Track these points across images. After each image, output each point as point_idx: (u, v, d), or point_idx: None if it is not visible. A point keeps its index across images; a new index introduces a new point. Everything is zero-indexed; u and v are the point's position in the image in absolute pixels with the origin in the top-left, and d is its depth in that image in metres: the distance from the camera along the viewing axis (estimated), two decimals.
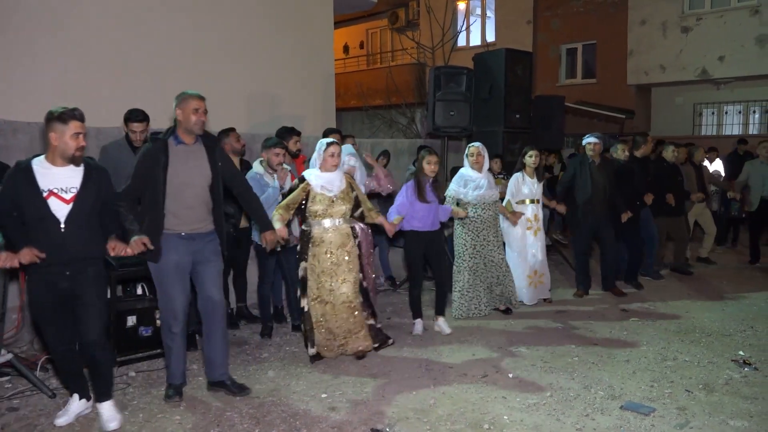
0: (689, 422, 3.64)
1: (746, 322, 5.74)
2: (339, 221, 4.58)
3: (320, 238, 4.54)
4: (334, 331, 4.60)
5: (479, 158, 5.78)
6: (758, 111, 14.59)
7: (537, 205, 6.43)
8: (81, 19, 5.76)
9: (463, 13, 16.51)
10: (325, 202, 4.52)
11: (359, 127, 16.44)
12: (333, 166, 4.56)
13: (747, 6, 13.28)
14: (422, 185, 5.20)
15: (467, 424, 3.62)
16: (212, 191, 3.92)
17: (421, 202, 5.16)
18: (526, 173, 6.38)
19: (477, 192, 5.73)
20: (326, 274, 4.54)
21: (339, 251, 4.55)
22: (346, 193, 4.61)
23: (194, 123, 3.79)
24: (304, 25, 7.88)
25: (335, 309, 4.56)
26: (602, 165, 6.65)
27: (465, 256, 5.80)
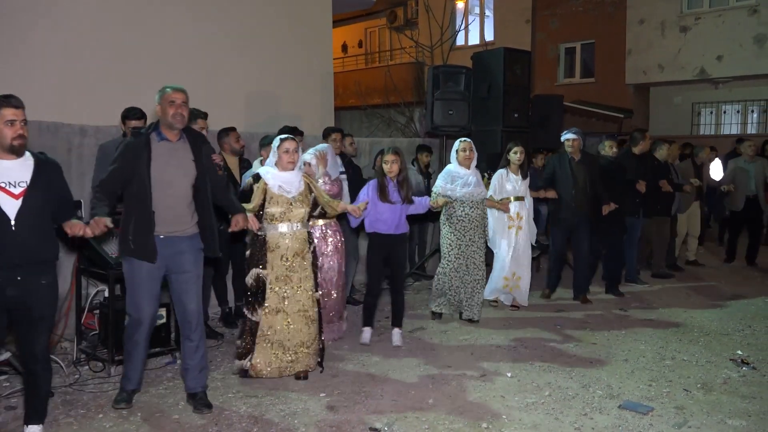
0: (687, 421, 3.64)
1: (744, 322, 5.75)
2: (297, 226, 4.27)
3: (276, 243, 4.22)
4: (284, 345, 4.24)
5: (471, 154, 5.65)
6: (756, 110, 14.61)
7: (521, 203, 6.26)
8: (78, 16, 5.75)
9: (461, 12, 16.50)
10: (283, 205, 4.21)
11: (358, 126, 16.43)
12: (289, 163, 4.23)
13: (745, 5, 13.29)
14: (384, 185, 4.94)
15: (466, 423, 3.62)
16: (197, 191, 3.73)
17: (384, 203, 4.92)
18: (510, 170, 6.23)
19: (466, 189, 5.57)
20: (280, 281, 4.23)
21: (295, 258, 4.26)
22: (304, 195, 4.32)
23: (172, 116, 3.59)
24: (302, 24, 7.87)
25: (288, 318, 4.23)
26: (583, 161, 6.45)
27: (450, 256, 5.64)
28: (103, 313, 4.52)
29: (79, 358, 4.50)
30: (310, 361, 4.34)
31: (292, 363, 4.27)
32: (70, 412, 3.72)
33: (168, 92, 3.63)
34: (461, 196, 5.56)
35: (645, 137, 7.23)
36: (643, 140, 7.18)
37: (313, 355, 4.35)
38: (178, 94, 3.63)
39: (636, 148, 7.18)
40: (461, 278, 5.66)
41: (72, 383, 4.15)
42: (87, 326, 4.62)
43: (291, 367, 4.28)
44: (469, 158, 5.63)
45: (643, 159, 7.19)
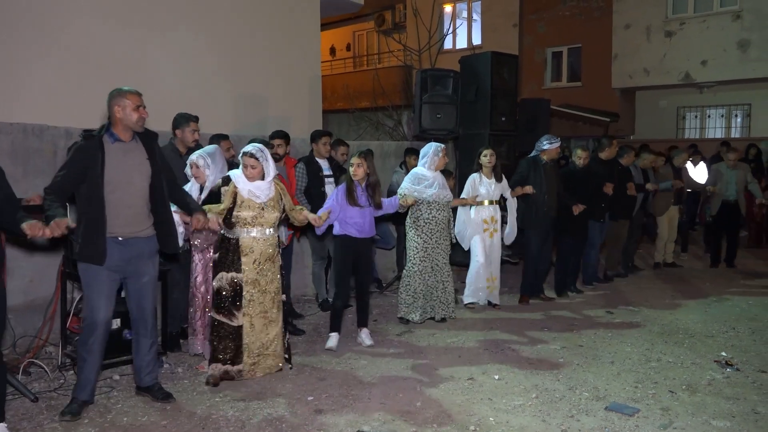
0: (673, 422, 3.67)
1: (728, 324, 5.81)
2: (269, 230, 4.31)
3: (249, 247, 4.25)
4: (249, 347, 4.28)
5: (446, 158, 5.77)
6: (740, 114, 14.80)
7: (495, 207, 6.29)
8: (68, 20, 5.72)
9: (449, 16, 16.58)
10: (254, 209, 4.23)
11: (346, 129, 16.42)
12: (249, 178, 4.24)
13: (729, 11, 13.46)
14: (352, 189, 4.94)
15: (453, 425, 3.63)
16: (153, 191, 3.76)
17: (352, 206, 4.93)
18: (482, 174, 6.26)
19: (433, 191, 5.61)
20: (250, 285, 4.26)
21: (267, 262, 4.31)
22: (275, 201, 4.33)
23: (137, 120, 3.65)
24: (290, 27, 7.88)
25: (252, 320, 4.28)
26: (553, 167, 6.54)
27: (416, 259, 5.68)
28: None
29: (64, 363, 4.45)
30: (272, 363, 4.38)
31: (253, 366, 4.30)
32: (54, 417, 3.69)
33: (130, 94, 3.66)
34: (430, 198, 5.60)
35: (612, 143, 7.27)
36: (609, 146, 7.23)
37: (273, 357, 4.38)
38: (140, 98, 3.70)
39: (603, 154, 7.22)
40: (425, 281, 5.72)
41: (57, 388, 4.11)
42: (72, 330, 4.57)
43: (252, 370, 4.30)
44: (444, 160, 5.74)
45: (609, 164, 7.25)
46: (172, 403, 3.92)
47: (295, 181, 5.91)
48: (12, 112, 5.03)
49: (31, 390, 4.03)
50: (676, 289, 7.36)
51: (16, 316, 4.72)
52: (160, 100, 5.89)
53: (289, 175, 5.81)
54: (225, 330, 4.22)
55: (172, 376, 4.41)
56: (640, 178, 7.81)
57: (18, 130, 4.90)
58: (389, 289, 7.07)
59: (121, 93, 3.67)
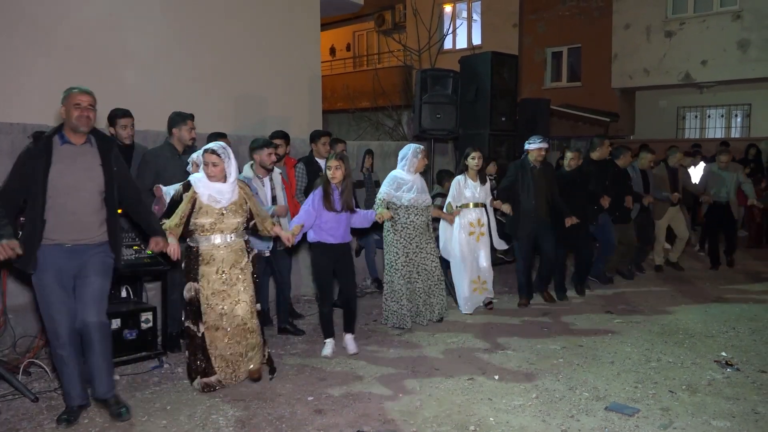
0: (673, 423, 3.67)
1: (728, 324, 5.81)
2: (231, 236, 4.09)
3: (210, 255, 4.04)
4: (227, 358, 4.13)
5: (426, 159, 5.64)
6: (740, 114, 14.79)
7: (480, 209, 6.16)
8: (66, 20, 5.72)
9: (449, 16, 16.58)
10: (213, 215, 4.00)
11: (346, 129, 16.43)
12: (210, 176, 4.01)
13: (729, 11, 13.46)
14: (330, 193, 4.71)
15: (453, 425, 3.63)
16: (106, 198, 3.56)
17: (329, 211, 4.71)
18: (468, 176, 6.13)
19: (410, 195, 5.47)
20: (217, 296, 4.05)
21: (232, 270, 4.08)
22: (238, 205, 4.11)
23: (76, 119, 3.44)
24: (290, 28, 7.88)
25: (228, 334, 4.09)
26: (543, 170, 6.35)
27: (397, 264, 5.51)
28: None
29: None
30: (249, 366, 4.22)
31: (234, 373, 4.17)
32: (54, 417, 3.69)
33: (74, 93, 3.49)
34: (407, 202, 5.47)
35: (603, 143, 7.09)
36: (600, 146, 7.04)
37: (252, 361, 4.22)
38: (85, 97, 3.50)
39: (594, 154, 7.06)
40: (411, 286, 5.57)
41: (57, 388, 4.10)
42: None
43: (234, 375, 4.18)
44: (423, 162, 5.60)
45: (602, 165, 7.07)
46: (171, 404, 3.91)
47: (295, 181, 5.91)
48: (12, 113, 5.03)
49: (31, 390, 4.03)
50: (676, 289, 7.35)
51: (16, 316, 4.73)
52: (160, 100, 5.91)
53: (289, 175, 5.81)
54: (197, 340, 4.09)
55: (172, 376, 4.41)
56: (639, 180, 7.70)
57: (18, 130, 4.90)
58: None
59: (68, 92, 3.50)
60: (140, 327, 4.55)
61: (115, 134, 4.89)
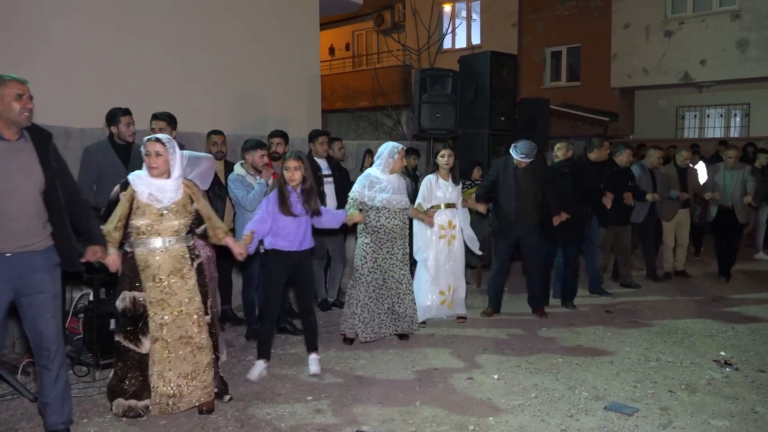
0: (672, 422, 3.67)
1: (727, 323, 5.81)
2: (170, 240, 3.63)
3: (145, 261, 3.59)
4: (164, 376, 3.63)
5: (405, 160, 5.30)
6: (739, 114, 14.80)
7: (453, 211, 5.78)
8: (67, 21, 5.71)
9: (448, 16, 16.56)
10: (151, 216, 3.58)
11: (345, 129, 16.42)
12: (151, 168, 3.60)
13: (728, 11, 13.46)
14: (286, 196, 4.28)
15: (452, 425, 3.63)
16: (47, 198, 3.20)
17: (286, 216, 4.28)
18: (439, 175, 5.75)
19: (383, 196, 5.05)
20: (155, 306, 3.61)
21: (170, 278, 3.63)
22: (181, 206, 3.67)
23: (19, 112, 3.07)
24: (290, 27, 7.88)
25: (168, 347, 3.62)
26: (532, 169, 5.88)
27: (363, 270, 5.07)
28: (88, 317, 4.48)
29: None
30: (199, 395, 3.70)
31: (173, 398, 3.63)
32: None
33: (11, 81, 3.08)
34: (379, 204, 5.06)
35: (603, 145, 6.65)
36: (599, 147, 6.60)
37: (201, 389, 3.70)
38: (25, 86, 3.13)
39: (591, 155, 6.62)
40: (376, 294, 5.10)
41: None
42: (71, 330, 4.57)
43: (173, 403, 3.64)
44: (401, 163, 5.25)
45: (599, 166, 6.65)
46: None
47: None
48: None
49: (30, 390, 4.02)
50: (675, 289, 7.35)
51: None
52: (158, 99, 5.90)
53: None
54: (131, 357, 3.64)
55: None
56: (649, 180, 7.36)
57: None
58: None
59: (1, 81, 3.08)
60: None
61: (117, 132, 4.89)
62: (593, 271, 6.89)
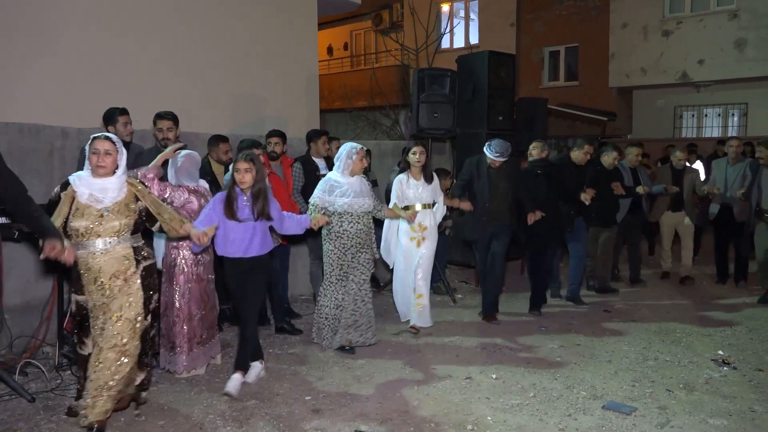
0: (670, 421, 3.68)
1: (725, 322, 5.82)
2: (111, 241, 3.44)
3: (85, 264, 3.42)
4: (94, 382, 3.41)
5: (366, 161, 4.99)
6: (737, 114, 14.82)
7: (425, 211, 5.54)
8: (65, 21, 5.70)
9: (446, 16, 16.57)
10: (90, 217, 3.39)
11: (343, 128, 16.41)
12: (98, 167, 3.43)
13: (726, 10, 13.48)
14: (233, 199, 4.02)
15: (451, 425, 3.63)
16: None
17: (230, 220, 4.01)
18: (411, 174, 5.54)
19: (344, 200, 4.81)
20: (98, 309, 3.45)
21: (112, 281, 3.44)
22: (124, 205, 3.49)
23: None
24: (288, 27, 7.87)
25: (101, 354, 3.42)
26: (505, 169, 5.70)
27: (332, 278, 4.91)
28: None
29: (61, 363, 4.45)
30: (108, 406, 3.43)
31: (89, 409, 3.38)
32: (52, 418, 3.69)
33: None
34: (339, 208, 4.83)
35: (584, 146, 6.33)
36: (580, 148, 6.32)
37: (112, 400, 3.45)
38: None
39: (573, 154, 6.39)
40: (341, 302, 4.95)
41: (53, 388, 4.11)
42: (69, 331, 4.56)
43: (92, 406, 3.39)
44: (361, 165, 4.92)
45: (581, 168, 6.36)
46: (169, 404, 3.91)
47: (292, 180, 5.91)
48: (8, 112, 5.02)
49: (28, 390, 4.02)
50: (673, 288, 7.36)
51: (13, 317, 4.72)
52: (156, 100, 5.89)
53: (285, 174, 5.81)
54: (81, 359, 3.56)
55: (169, 376, 4.40)
56: (631, 179, 7.09)
57: (14, 129, 4.89)
58: (387, 288, 7.06)
59: None
60: None
61: (114, 132, 4.88)
62: (575, 277, 6.61)
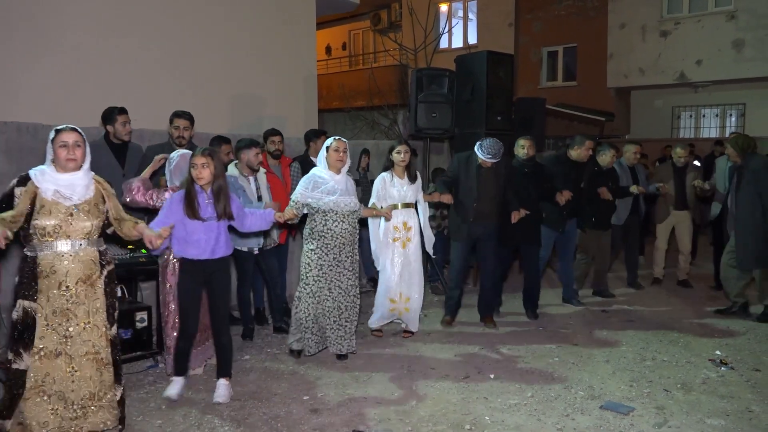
0: (667, 421, 3.68)
1: (723, 323, 5.83)
2: (81, 243, 3.23)
3: (50, 267, 3.17)
4: (67, 397, 3.20)
5: (344, 156, 4.67)
6: (735, 114, 14.84)
7: (409, 211, 5.38)
8: (62, 19, 5.69)
9: (445, 16, 16.57)
10: (59, 215, 3.16)
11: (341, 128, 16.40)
12: (69, 161, 3.19)
13: (724, 11, 13.50)
14: (193, 197, 3.80)
15: (449, 424, 3.63)
16: None
17: (193, 220, 3.80)
18: (394, 173, 5.38)
19: (329, 198, 4.59)
20: (60, 315, 3.19)
21: (78, 286, 3.23)
22: (93, 205, 3.28)
23: None
24: (286, 26, 7.87)
25: (72, 363, 3.21)
26: (494, 169, 5.48)
27: (308, 279, 4.64)
28: None
29: None
30: (106, 416, 3.32)
31: (77, 421, 3.24)
32: None
33: None
34: (324, 206, 4.61)
35: (584, 144, 6.21)
36: (580, 145, 6.21)
37: (108, 409, 3.32)
38: None
39: (572, 152, 6.27)
40: (321, 305, 4.67)
41: None
42: None
43: (76, 425, 3.24)
44: (341, 160, 4.65)
45: (578, 165, 6.27)
46: (167, 402, 3.91)
47: (290, 180, 5.91)
48: (6, 112, 5.01)
49: None
50: (671, 289, 7.37)
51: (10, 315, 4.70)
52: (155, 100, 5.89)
53: (284, 174, 5.81)
54: (9, 374, 3.22)
55: (167, 376, 4.40)
56: (629, 178, 6.95)
57: (12, 128, 4.88)
58: None
59: None
60: (135, 326, 4.54)
61: (113, 131, 4.88)
62: (567, 278, 6.55)
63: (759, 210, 5.68)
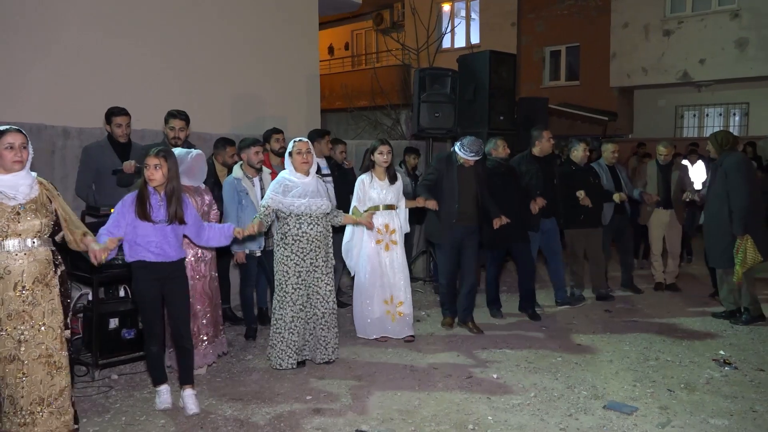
0: (671, 421, 3.68)
1: (726, 323, 5.81)
2: (33, 242, 3.15)
3: (5, 268, 3.08)
4: (16, 402, 3.10)
5: (309, 157, 4.52)
6: (738, 113, 14.80)
7: (390, 213, 5.26)
8: (65, 21, 5.70)
9: (447, 15, 16.56)
10: (5, 215, 3.08)
11: (344, 128, 16.43)
12: (15, 162, 3.11)
13: (727, 10, 13.47)
14: (145, 199, 3.64)
15: (452, 424, 3.63)
16: None
17: (144, 221, 3.64)
18: (375, 174, 5.25)
19: (302, 201, 4.45)
20: (16, 318, 3.10)
21: (35, 286, 3.14)
22: (40, 204, 3.20)
23: None
24: (289, 26, 7.87)
25: (24, 367, 3.11)
26: (475, 168, 5.42)
27: (287, 286, 4.48)
28: (87, 317, 4.50)
29: None
30: (55, 424, 3.19)
31: (25, 427, 3.12)
32: None
33: None
34: (296, 210, 4.46)
35: (542, 135, 6.02)
36: (540, 139, 6.00)
37: (57, 416, 3.20)
38: None
39: (535, 149, 6.04)
40: (302, 314, 4.54)
41: None
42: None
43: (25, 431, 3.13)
44: (306, 162, 4.50)
45: (546, 162, 6.07)
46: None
47: None
48: (10, 112, 5.02)
49: None
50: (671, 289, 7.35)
51: None
52: (157, 100, 5.89)
53: None
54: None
55: (171, 375, 4.39)
56: (610, 178, 6.73)
57: None
58: None
59: None
60: (138, 326, 4.55)
61: (111, 132, 4.90)
62: (558, 280, 6.44)
63: (726, 208, 5.58)
